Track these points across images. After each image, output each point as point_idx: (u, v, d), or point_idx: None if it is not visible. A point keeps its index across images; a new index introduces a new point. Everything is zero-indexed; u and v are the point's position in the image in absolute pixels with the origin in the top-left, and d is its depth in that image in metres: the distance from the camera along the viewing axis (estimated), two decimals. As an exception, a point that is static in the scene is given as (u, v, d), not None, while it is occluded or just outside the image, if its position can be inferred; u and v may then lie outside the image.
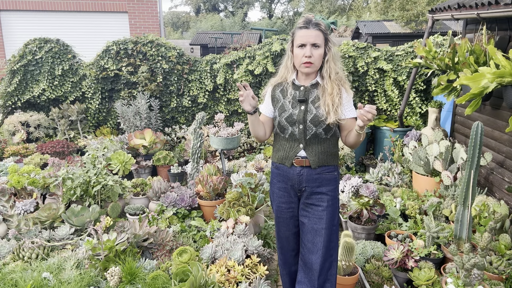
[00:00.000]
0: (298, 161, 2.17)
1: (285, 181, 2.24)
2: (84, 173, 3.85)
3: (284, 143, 2.21)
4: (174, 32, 36.99)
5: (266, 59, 5.96)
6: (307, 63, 2.08)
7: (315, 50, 2.07)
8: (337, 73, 2.15)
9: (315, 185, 2.17)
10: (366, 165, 5.48)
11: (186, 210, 3.94)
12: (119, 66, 6.14)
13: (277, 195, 2.30)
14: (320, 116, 2.10)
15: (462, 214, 2.90)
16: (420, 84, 5.70)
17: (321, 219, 2.16)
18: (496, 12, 3.35)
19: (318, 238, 2.15)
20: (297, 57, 2.11)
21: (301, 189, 2.21)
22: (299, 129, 2.14)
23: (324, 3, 30.07)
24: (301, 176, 2.18)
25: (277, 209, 2.31)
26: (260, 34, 17.69)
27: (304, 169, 2.17)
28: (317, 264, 2.15)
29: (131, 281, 2.58)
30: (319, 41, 2.07)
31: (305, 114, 2.12)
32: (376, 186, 4.06)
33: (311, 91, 2.16)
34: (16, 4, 10.82)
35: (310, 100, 2.15)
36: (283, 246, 2.38)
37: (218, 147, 4.71)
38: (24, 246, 3.03)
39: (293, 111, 2.15)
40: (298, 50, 2.09)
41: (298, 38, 2.09)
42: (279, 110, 2.19)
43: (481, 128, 2.81)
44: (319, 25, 2.08)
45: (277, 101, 2.23)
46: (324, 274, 2.17)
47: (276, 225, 2.37)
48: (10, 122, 6.20)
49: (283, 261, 2.44)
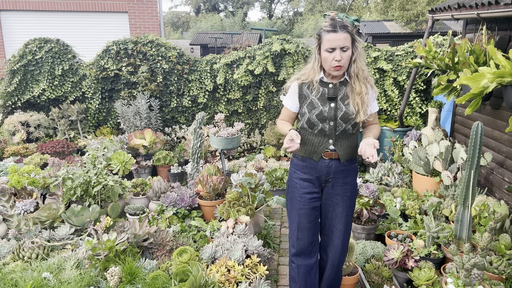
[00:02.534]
0: (327, 154, 2.23)
1: (312, 173, 2.29)
2: (84, 173, 3.85)
3: (312, 138, 2.24)
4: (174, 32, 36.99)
5: (266, 59, 5.96)
6: (338, 66, 2.10)
7: (344, 53, 2.09)
8: (363, 71, 2.19)
9: (342, 176, 2.27)
10: (366, 165, 5.48)
11: (186, 210, 3.94)
12: (119, 66, 6.14)
13: (300, 186, 2.31)
14: (350, 113, 2.16)
15: (462, 214, 2.90)
16: (420, 84, 5.70)
17: (344, 208, 2.31)
18: (496, 12, 3.35)
19: (342, 224, 2.34)
20: (326, 61, 2.12)
21: (328, 180, 2.28)
22: (329, 125, 2.19)
23: (324, 3, 30.08)
24: (330, 168, 2.25)
25: (300, 199, 2.31)
26: (260, 34, 17.70)
27: (332, 161, 2.24)
28: (340, 247, 2.37)
29: (131, 281, 2.58)
30: (348, 44, 2.08)
31: (336, 112, 2.17)
32: (376, 186, 4.06)
33: (339, 88, 2.20)
34: (16, 4, 10.82)
35: (339, 97, 2.19)
36: (302, 237, 2.35)
37: (218, 147, 4.71)
38: (24, 246, 3.03)
39: (323, 108, 2.18)
40: (326, 54, 2.10)
41: (327, 42, 2.08)
42: (309, 107, 2.22)
43: (481, 128, 2.80)
44: (346, 27, 2.08)
45: (305, 97, 2.24)
46: (344, 254, 2.42)
47: (298, 217, 2.33)
48: (10, 122, 6.20)
49: (299, 253, 2.39)
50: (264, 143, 6.21)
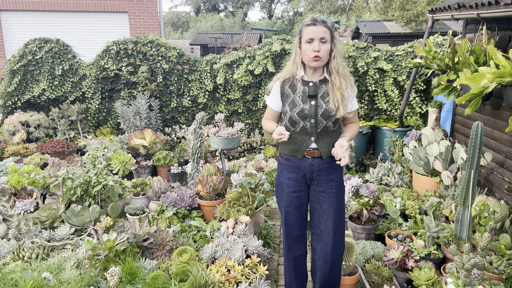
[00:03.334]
0: (309, 153, 2.29)
1: (296, 171, 2.35)
2: (84, 173, 3.85)
3: (295, 136, 2.31)
4: (174, 32, 36.98)
5: (266, 59, 5.96)
6: (316, 56, 2.17)
7: (323, 45, 2.17)
8: (344, 68, 2.27)
9: (325, 173, 2.32)
10: (366, 165, 5.48)
11: (186, 210, 3.94)
12: (119, 66, 6.14)
13: (287, 185, 2.39)
14: (330, 110, 2.22)
15: (462, 214, 2.90)
16: (420, 84, 5.70)
17: (332, 204, 2.33)
18: (496, 12, 3.35)
19: (331, 221, 2.34)
20: (305, 52, 2.20)
21: (312, 178, 2.34)
22: (310, 123, 2.25)
23: (324, 3, 30.08)
24: (313, 166, 2.31)
25: (287, 198, 2.40)
26: (260, 34, 17.70)
27: (315, 159, 2.30)
28: (330, 243, 2.36)
29: (131, 281, 2.58)
30: (327, 36, 2.17)
31: (316, 109, 2.23)
32: (376, 186, 4.06)
33: (320, 86, 2.26)
34: (16, 4, 10.82)
35: (320, 95, 2.25)
36: (289, 232, 2.49)
37: (218, 147, 4.71)
38: (24, 246, 3.03)
39: (304, 106, 2.24)
40: (306, 45, 2.18)
41: (306, 34, 2.18)
42: (290, 105, 2.28)
43: (481, 128, 2.80)
44: (325, 22, 2.19)
45: (286, 96, 2.31)
46: (336, 251, 2.39)
47: (285, 214, 2.46)
48: (10, 122, 6.20)
49: (288, 247, 2.53)
50: (264, 143, 6.21)
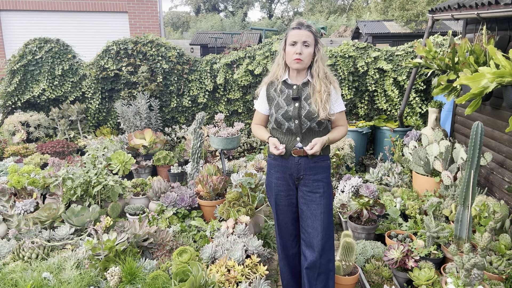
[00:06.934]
0: (296, 151, 2.34)
1: (284, 171, 2.40)
2: (84, 173, 3.85)
3: (281, 136, 2.38)
4: (174, 32, 36.97)
5: (266, 59, 5.96)
6: (298, 59, 2.25)
7: (305, 48, 2.25)
8: (326, 73, 2.34)
9: (312, 172, 2.36)
10: (366, 165, 5.48)
11: (186, 210, 3.94)
12: (119, 66, 6.14)
13: (275, 185, 2.44)
14: (313, 112, 2.29)
15: (462, 214, 2.90)
16: (420, 84, 5.70)
17: (319, 205, 2.35)
18: (496, 12, 3.35)
19: (318, 222, 2.34)
20: (288, 54, 2.29)
21: (299, 177, 2.38)
22: (295, 124, 2.32)
23: (324, 3, 30.08)
24: (300, 165, 2.35)
25: (276, 197, 2.45)
26: (260, 34, 17.70)
27: (301, 158, 2.34)
28: (319, 246, 2.34)
29: (131, 281, 2.58)
30: (310, 41, 2.25)
31: (300, 111, 2.31)
32: (376, 186, 4.06)
33: (303, 89, 2.34)
34: (16, 4, 10.82)
35: (303, 97, 2.33)
36: (282, 231, 2.54)
37: (218, 147, 4.71)
38: (24, 246, 3.03)
39: (288, 108, 2.32)
40: (290, 48, 2.28)
41: (290, 36, 2.28)
42: (275, 108, 2.37)
43: (481, 128, 2.80)
44: (310, 27, 2.28)
45: (272, 99, 2.41)
46: (326, 253, 2.36)
47: (275, 213, 2.51)
48: (10, 122, 6.19)
49: (282, 245, 2.57)
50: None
